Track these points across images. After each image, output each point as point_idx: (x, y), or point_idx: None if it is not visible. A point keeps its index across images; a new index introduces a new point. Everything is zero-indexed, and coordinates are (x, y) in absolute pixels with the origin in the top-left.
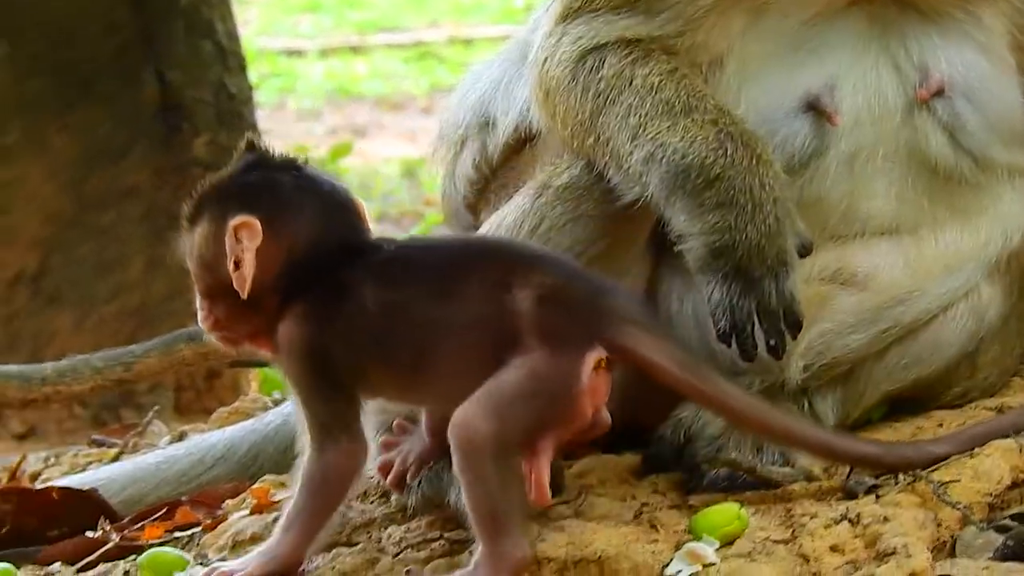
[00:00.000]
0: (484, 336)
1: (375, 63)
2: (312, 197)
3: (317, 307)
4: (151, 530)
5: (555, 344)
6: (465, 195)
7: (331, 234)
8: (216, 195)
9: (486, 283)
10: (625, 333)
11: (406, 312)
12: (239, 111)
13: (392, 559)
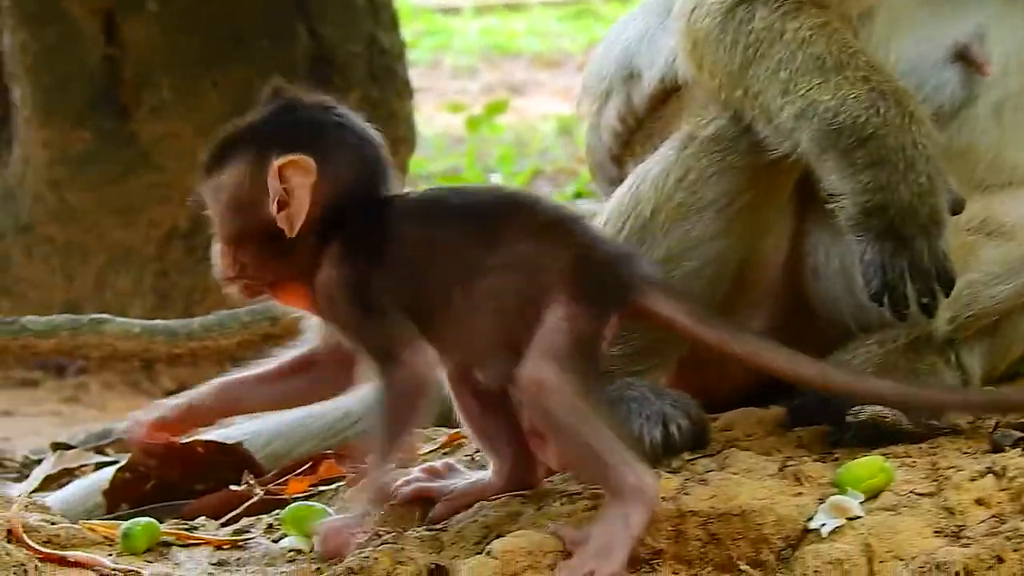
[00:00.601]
0: (517, 283)
1: (532, 20)
2: (352, 136)
3: (356, 246)
4: (295, 484)
5: (589, 304)
6: (610, 147)
7: (370, 174)
8: (252, 137)
9: (527, 233)
10: (646, 295)
11: (445, 249)
12: (391, 67)
13: (534, 512)
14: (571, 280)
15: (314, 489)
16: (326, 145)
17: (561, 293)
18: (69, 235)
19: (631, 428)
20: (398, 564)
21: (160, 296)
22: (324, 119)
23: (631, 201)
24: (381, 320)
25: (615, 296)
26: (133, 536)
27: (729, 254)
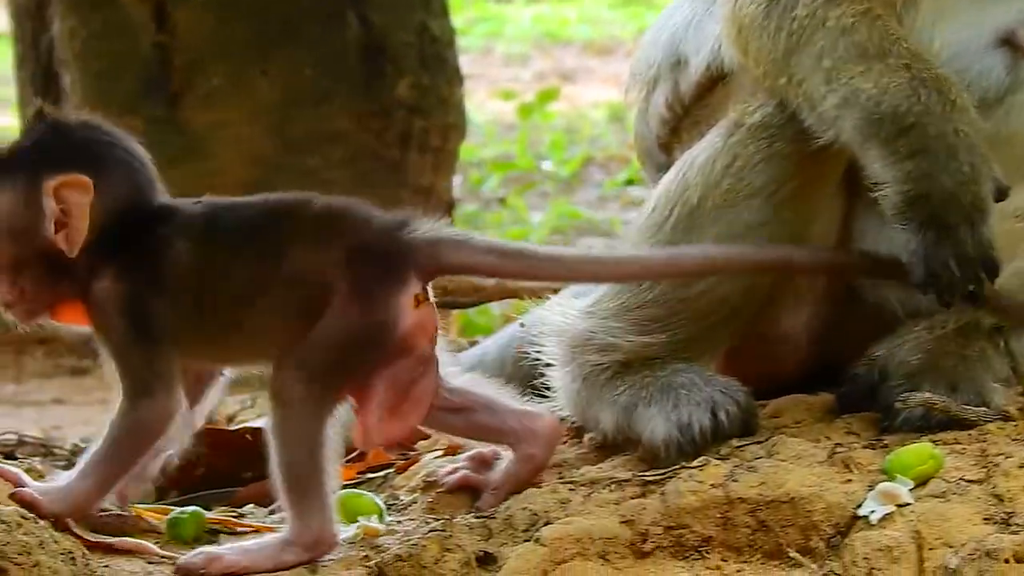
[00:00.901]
0: (297, 292)
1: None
2: (122, 153)
3: (133, 264)
4: (344, 471)
5: (367, 290)
6: (658, 134)
7: (142, 191)
8: (21, 160)
9: (297, 240)
10: (437, 255)
11: (221, 269)
12: (442, 54)
13: (583, 499)
14: (346, 273)
15: (362, 476)
16: (99, 163)
17: (340, 288)
18: None
19: (680, 415)
20: (446, 551)
21: None
22: (93, 137)
23: (678, 188)
24: (149, 348)
25: (395, 274)
26: (181, 525)
27: (777, 241)
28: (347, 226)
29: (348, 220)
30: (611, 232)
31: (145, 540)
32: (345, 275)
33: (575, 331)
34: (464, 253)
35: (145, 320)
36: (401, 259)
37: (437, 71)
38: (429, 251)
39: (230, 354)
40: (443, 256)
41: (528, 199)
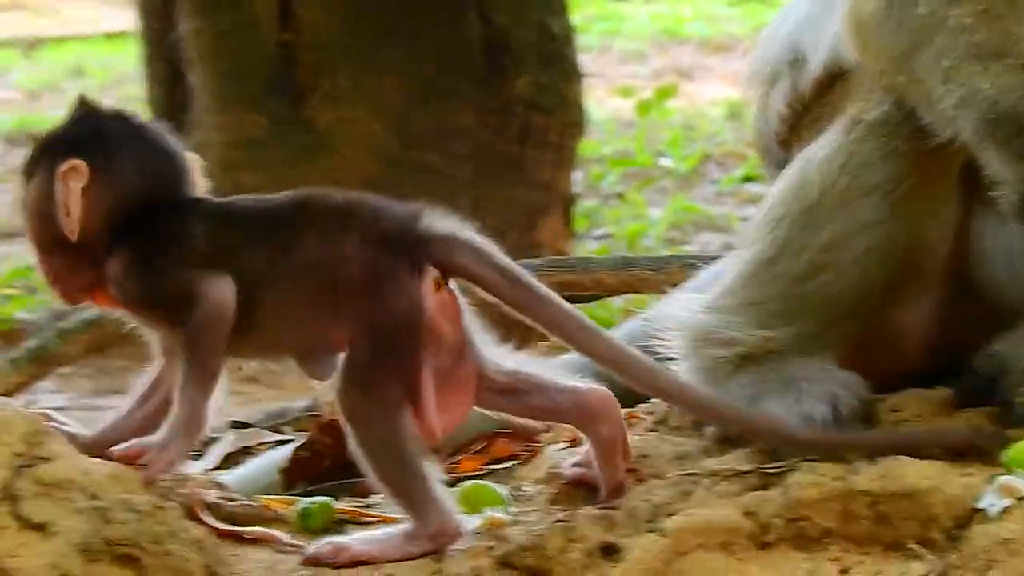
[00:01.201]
0: (313, 285)
1: (700, 5)
2: (139, 144)
3: (146, 247)
4: (468, 463)
5: (387, 282)
6: (777, 131)
7: (159, 181)
8: (47, 147)
9: (313, 234)
10: (447, 251)
11: (234, 255)
12: (561, 52)
13: (705, 491)
14: (363, 265)
15: (486, 468)
16: (103, 149)
17: (359, 281)
18: None
19: (801, 408)
20: (570, 542)
21: None
22: (108, 127)
23: (797, 185)
24: (171, 279)
25: (411, 262)
26: (310, 516)
27: (895, 238)
28: (362, 217)
29: (364, 211)
30: (727, 228)
31: (273, 530)
32: (362, 267)
33: (697, 325)
34: (472, 259)
35: (161, 301)
36: (416, 248)
37: (556, 69)
38: (443, 246)
39: (246, 345)
40: (454, 255)
41: (647, 195)
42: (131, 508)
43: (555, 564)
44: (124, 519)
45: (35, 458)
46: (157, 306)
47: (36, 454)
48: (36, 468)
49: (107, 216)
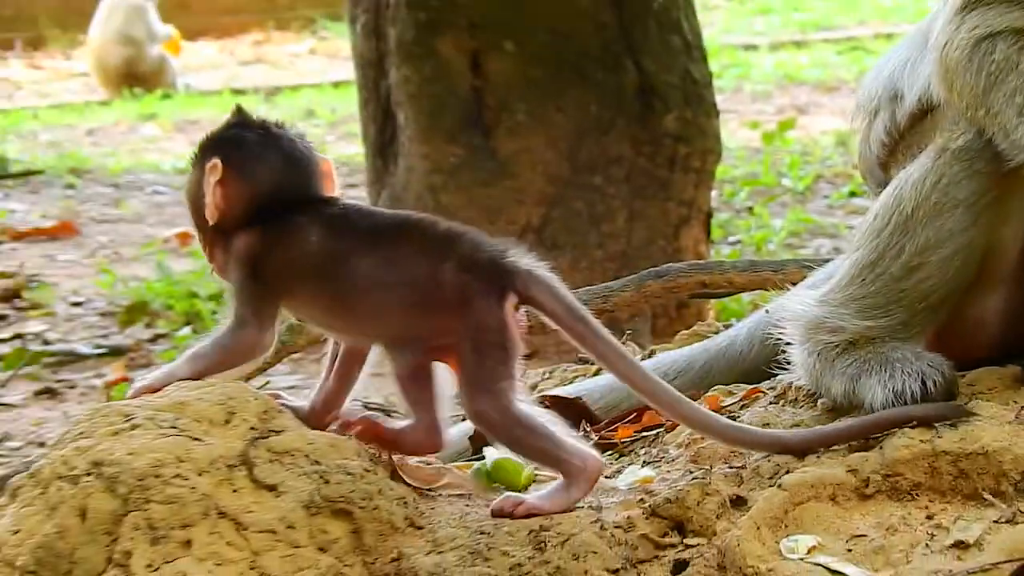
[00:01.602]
0: (408, 296)
1: (815, 55)
2: (272, 149)
3: (268, 234)
4: (623, 431)
5: (478, 303)
6: (878, 155)
7: (288, 181)
8: (202, 148)
9: (414, 251)
10: (526, 284)
11: (343, 260)
12: (701, 93)
13: (816, 457)
14: (458, 287)
15: (637, 435)
16: (240, 152)
17: (452, 300)
18: None
19: (895, 384)
20: (706, 495)
21: None
22: (247, 134)
23: (895, 201)
24: (257, 293)
25: (496, 290)
26: (487, 475)
27: (976, 243)
28: (461, 247)
29: (463, 242)
30: (837, 235)
31: (463, 490)
32: (457, 288)
33: (810, 316)
34: (543, 292)
35: (260, 273)
36: (502, 276)
37: (697, 107)
38: (522, 277)
39: (340, 325)
40: (530, 286)
41: (771, 208)
42: (346, 471)
43: (693, 513)
44: (340, 480)
45: (268, 431)
46: (239, 287)
47: (269, 427)
48: (268, 439)
49: (240, 207)
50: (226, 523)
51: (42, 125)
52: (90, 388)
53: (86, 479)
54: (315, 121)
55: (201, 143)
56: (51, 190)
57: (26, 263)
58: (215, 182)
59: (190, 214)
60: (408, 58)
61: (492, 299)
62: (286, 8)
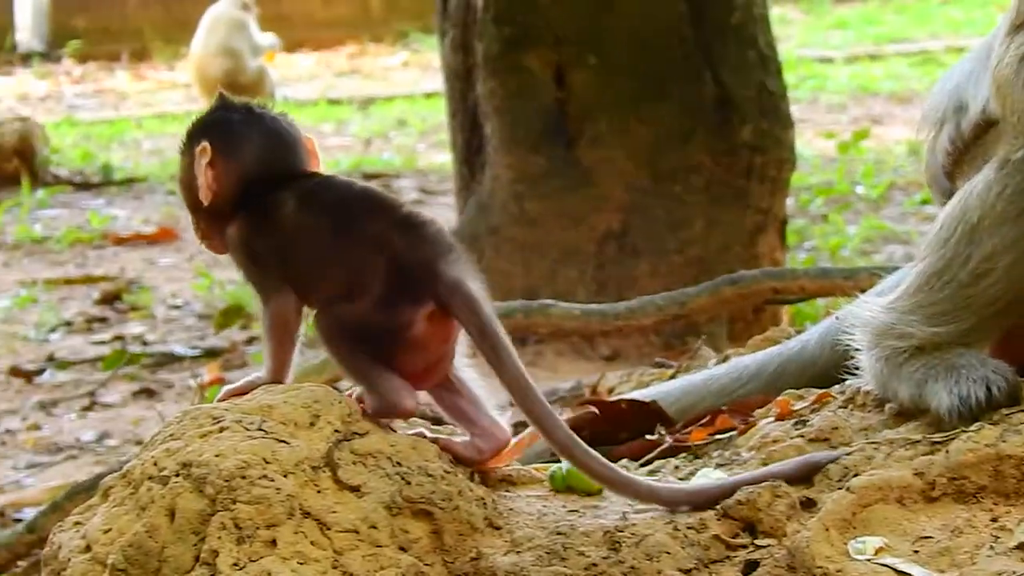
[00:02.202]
0: (351, 272)
1: (889, 67)
2: (257, 129)
3: (252, 217)
4: (696, 434)
5: (392, 296)
6: (943, 165)
7: (271, 160)
8: (189, 133)
9: (368, 230)
10: (447, 295)
11: (307, 235)
12: (776, 105)
13: (885, 456)
14: (385, 276)
15: (711, 438)
16: (226, 134)
17: (376, 284)
18: (527, 236)
19: (961, 389)
20: (776, 497)
21: (599, 284)
22: (231, 117)
23: (960, 210)
24: (260, 270)
25: (417, 292)
26: (563, 478)
27: None
28: (402, 238)
29: (407, 233)
30: (909, 241)
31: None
32: (384, 277)
33: (879, 323)
34: (462, 306)
35: (256, 257)
36: (426, 280)
37: (773, 118)
38: (446, 286)
39: (304, 295)
40: (451, 297)
41: (845, 216)
42: (427, 473)
43: (764, 515)
44: (421, 481)
45: (352, 433)
46: (247, 273)
47: (352, 430)
48: (352, 441)
49: (231, 186)
50: (310, 523)
51: (145, 134)
52: (186, 388)
53: (175, 480)
54: (407, 130)
55: (188, 128)
56: (153, 197)
57: (127, 267)
58: (206, 164)
59: (183, 198)
60: (495, 71)
61: (407, 300)
62: (380, 22)
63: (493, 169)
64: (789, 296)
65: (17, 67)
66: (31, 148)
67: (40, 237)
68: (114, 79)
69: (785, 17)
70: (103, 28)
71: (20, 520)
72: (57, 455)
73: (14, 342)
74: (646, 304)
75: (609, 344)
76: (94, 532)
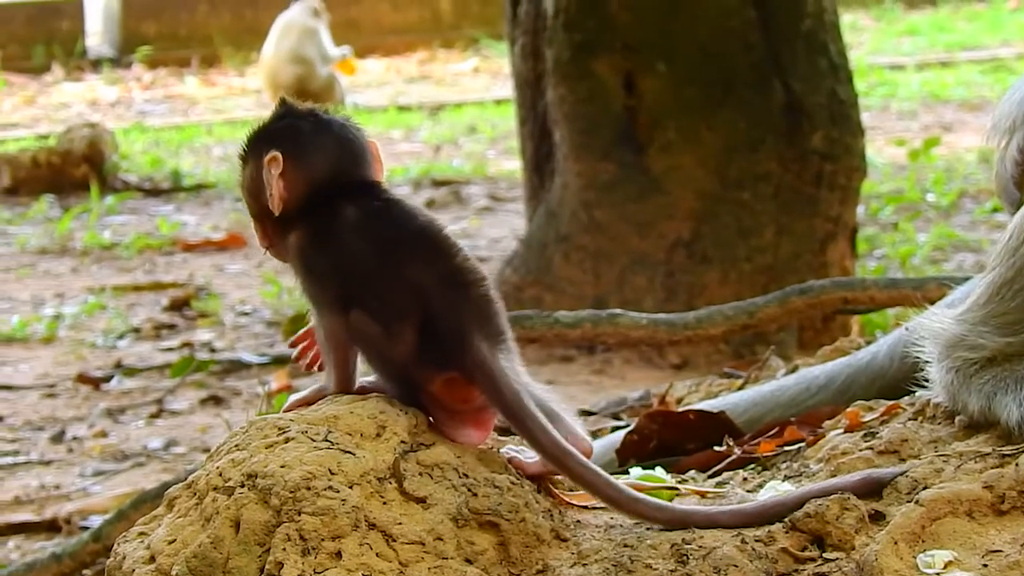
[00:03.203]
0: (388, 314)
1: (960, 74)
2: (325, 137)
3: (313, 229)
4: (765, 445)
5: (418, 351)
6: (1012, 174)
7: (339, 167)
8: (256, 139)
9: (413, 280)
10: (472, 369)
11: (358, 262)
12: (847, 112)
13: (954, 469)
14: (420, 327)
15: (779, 450)
16: (296, 142)
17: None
18: (597, 244)
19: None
20: (845, 510)
21: (668, 292)
22: (300, 124)
23: None
24: (316, 283)
25: (442, 359)
26: None
27: None
28: (443, 298)
29: (450, 291)
30: (979, 249)
31: None
32: (412, 329)
33: (949, 334)
34: (485, 382)
35: (315, 269)
36: (453, 351)
37: (844, 126)
38: (472, 361)
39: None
40: (475, 372)
41: (915, 224)
42: (494, 484)
43: (832, 528)
44: (488, 493)
45: (417, 444)
46: (304, 286)
47: (418, 441)
48: (418, 453)
49: (299, 194)
50: (375, 534)
51: (215, 140)
52: (254, 396)
53: (240, 490)
54: (477, 137)
55: (252, 136)
56: (222, 203)
57: (196, 274)
58: (277, 174)
59: (248, 206)
60: (564, 78)
61: (430, 361)
62: (451, 28)
63: (563, 176)
64: (858, 306)
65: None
66: (101, 154)
67: (109, 243)
68: (184, 85)
69: (856, 24)
70: (173, 34)
71: (87, 528)
72: (124, 462)
73: (82, 349)
74: (714, 314)
75: (678, 352)
76: (158, 543)
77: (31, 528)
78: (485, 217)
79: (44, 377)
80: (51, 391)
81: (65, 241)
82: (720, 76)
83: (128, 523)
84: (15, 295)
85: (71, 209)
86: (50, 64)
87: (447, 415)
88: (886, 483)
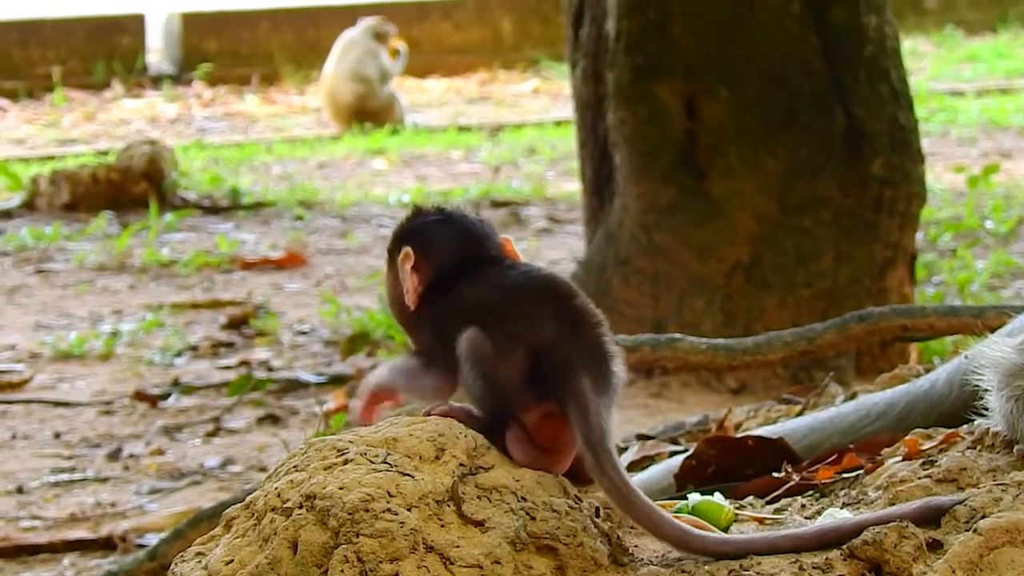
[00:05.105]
0: (507, 331)
1: (1020, 101)
2: (449, 226)
3: (438, 301)
4: (823, 472)
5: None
6: None
7: (464, 251)
8: (396, 239)
9: (534, 305)
10: (566, 403)
11: (484, 295)
12: (907, 139)
13: (1013, 498)
14: (529, 352)
15: (837, 476)
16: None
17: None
18: (656, 267)
19: None
20: (903, 538)
21: (727, 315)
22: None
23: None
24: (428, 334)
25: (544, 389)
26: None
27: None
28: (561, 331)
29: (569, 329)
30: None
31: None
32: (522, 354)
33: (1009, 363)
34: (575, 416)
35: (428, 319)
36: (555, 385)
37: (904, 152)
38: (568, 396)
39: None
40: (569, 406)
41: (974, 251)
42: (552, 508)
43: (891, 556)
44: (545, 517)
45: (476, 467)
46: (414, 333)
47: (477, 464)
48: (477, 476)
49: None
50: (433, 557)
51: (275, 158)
52: (311, 415)
53: (298, 512)
54: (536, 158)
55: (395, 236)
56: (281, 221)
57: (254, 292)
58: (410, 268)
59: (393, 314)
60: (625, 101)
61: (532, 389)
62: (511, 49)
63: (622, 199)
64: (917, 334)
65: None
66: (160, 171)
67: (167, 261)
68: (244, 103)
69: (916, 49)
70: (234, 52)
71: (142, 546)
72: (180, 480)
73: (139, 366)
74: (773, 340)
75: (736, 376)
76: (216, 563)
77: (87, 545)
78: (544, 239)
79: (101, 394)
80: (108, 408)
81: (124, 258)
82: (781, 102)
83: (184, 542)
84: (73, 311)
85: (130, 226)
86: (110, 80)
87: (527, 449)
88: (944, 511)
